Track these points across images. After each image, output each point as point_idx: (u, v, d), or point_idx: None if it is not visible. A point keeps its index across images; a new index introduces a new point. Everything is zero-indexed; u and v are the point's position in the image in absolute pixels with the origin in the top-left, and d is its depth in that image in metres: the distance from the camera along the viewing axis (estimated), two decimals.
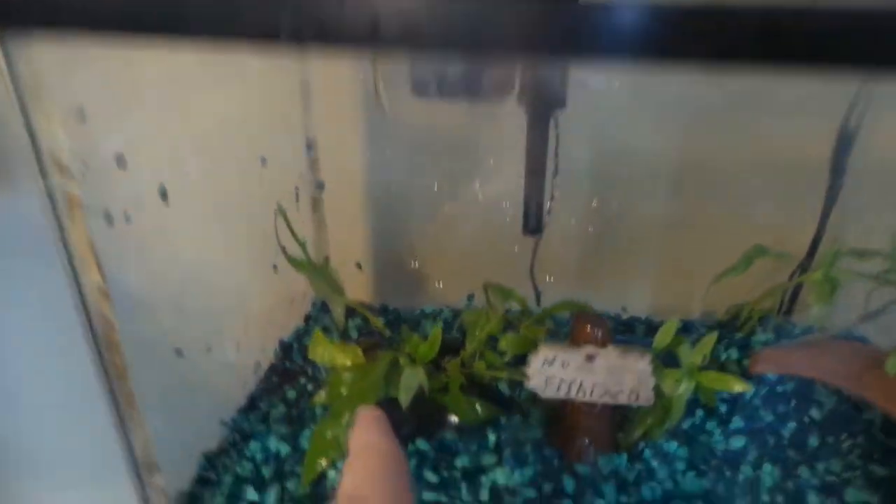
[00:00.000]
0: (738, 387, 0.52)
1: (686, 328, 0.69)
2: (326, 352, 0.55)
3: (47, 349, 0.38)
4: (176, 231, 0.48)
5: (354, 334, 0.69)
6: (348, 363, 0.55)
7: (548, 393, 0.50)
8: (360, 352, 0.56)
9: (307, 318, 0.73)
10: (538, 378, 0.50)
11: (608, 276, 0.74)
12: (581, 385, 0.50)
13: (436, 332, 0.55)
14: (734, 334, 0.65)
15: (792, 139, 0.64)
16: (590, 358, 0.49)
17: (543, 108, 0.59)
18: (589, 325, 0.49)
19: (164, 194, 0.44)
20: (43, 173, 0.32)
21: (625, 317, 0.73)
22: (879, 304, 0.57)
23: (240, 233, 0.59)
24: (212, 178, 0.52)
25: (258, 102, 0.58)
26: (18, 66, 0.30)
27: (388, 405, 0.53)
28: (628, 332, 0.71)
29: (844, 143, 0.62)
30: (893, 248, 0.57)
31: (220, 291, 0.56)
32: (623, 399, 0.50)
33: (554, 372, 0.50)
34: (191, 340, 0.50)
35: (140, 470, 0.44)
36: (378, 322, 0.68)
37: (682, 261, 0.71)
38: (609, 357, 0.49)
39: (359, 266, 0.75)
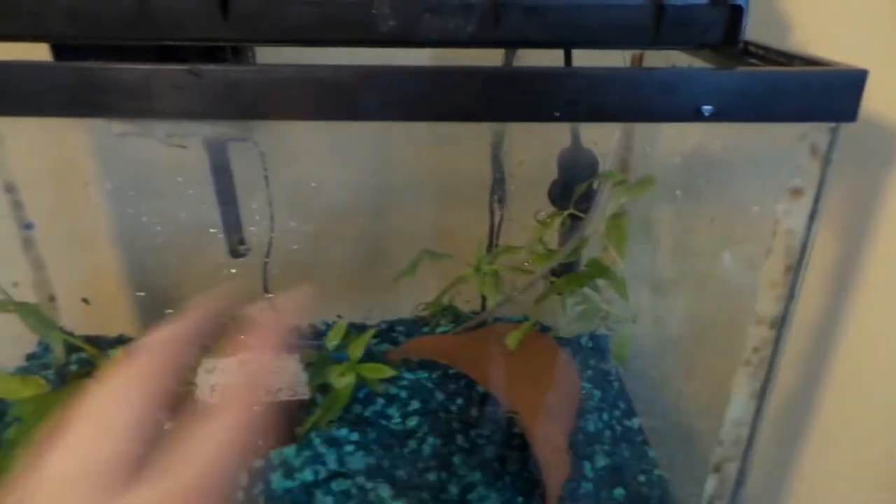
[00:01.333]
0: (389, 373, 0.60)
1: (391, 328, 0.78)
2: (6, 386, 0.58)
3: None
4: None
5: (75, 367, 0.71)
6: (29, 394, 0.57)
7: (214, 399, 0.56)
8: (42, 382, 0.59)
9: (30, 357, 0.74)
10: (204, 388, 0.56)
11: (326, 290, 0.81)
12: None
13: (118, 352, 0.59)
14: (423, 329, 0.74)
15: (458, 163, 0.76)
16: (244, 363, 0.55)
17: (218, 144, 0.66)
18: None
19: None
20: None
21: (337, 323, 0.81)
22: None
23: None
24: None
25: None
26: None
27: None
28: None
29: (496, 160, 0.74)
30: (530, 243, 0.69)
31: None
32: (283, 396, 0.56)
33: (217, 380, 0.55)
34: None
35: None
36: (96, 353, 0.71)
37: (390, 272, 0.81)
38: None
39: (85, 301, 0.77)
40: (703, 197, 0.67)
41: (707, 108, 0.29)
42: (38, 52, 0.40)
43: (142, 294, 0.78)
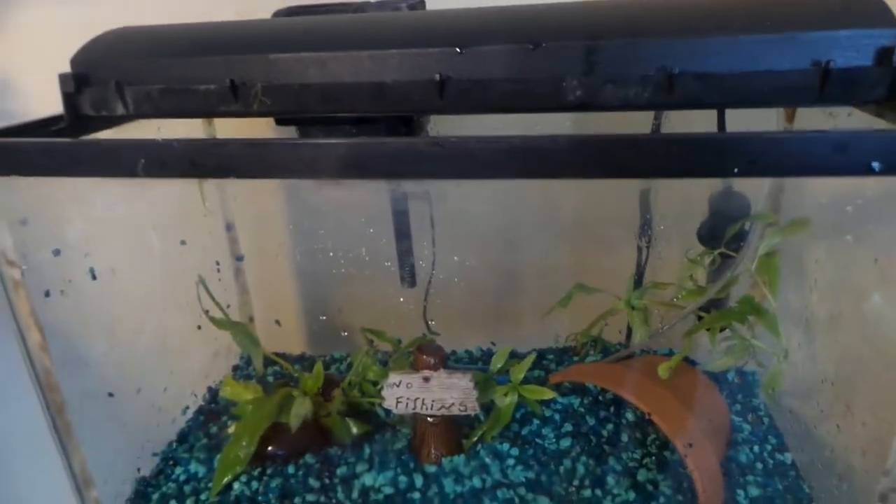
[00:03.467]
0: (548, 395, 0.67)
1: (540, 356, 0.84)
2: (234, 390, 0.70)
3: (5, 392, 0.53)
4: (113, 300, 0.63)
5: (271, 379, 0.84)
6: (250, 397, 0.69)
7: (399, 410, 0.65)
8: (260, 388, 0.71)
9: (235, 369, 0.88)
10: (390, 398, 0.65)
11: (482, 318, 0.89)
12: (423, 401, 0.64)
13: (317, 368, 0.70)
14: (573, 357, 0.80)
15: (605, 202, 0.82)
16: (426, 379, 0.64)
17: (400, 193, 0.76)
18: (424, 354, 0.64)
19: (93, 274, 0.60)
20: None
21: (495, 350, 0.88)
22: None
23: (168, 300, 0.74)
24: (140, 257, 0.68)
25: (180, 195, 0.75)
26: None
27: (283, 429, 0.68)
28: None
29: (644, 200, 0.79)
30: (679, 279, 0.73)
31: (151, 348, 0.71)
32: (455, 410, 0.64)
33: (401, 392, 0.64)
34: (122, 385, 0.65)
35: (79, 485, 0.58)
36: (290, 368, 0.83)
37: (540, 304, 0.87)
38: (441, 377, 0.64)
39: (277, 323, 0.91)
40: (858, 237, 0.68)
41: (877, 165, 0.33)
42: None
43: (323, 318, 0.90)
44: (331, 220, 0.85)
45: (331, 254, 0.84)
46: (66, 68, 0.54)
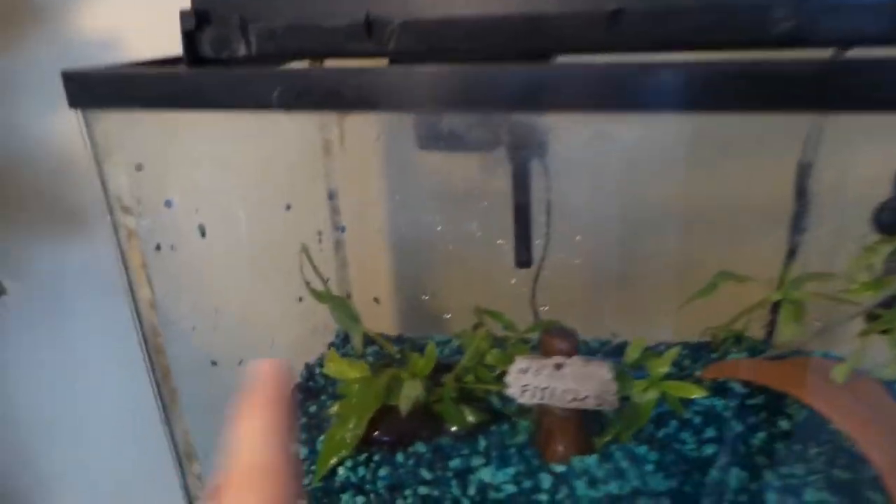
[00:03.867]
0: (697, 393, 0.58)
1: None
2: (338, 367, 0.64)
3: (112, 350, 0.49)
4: (214, 261, 0.59)
5: (371, 359, 0.78)
6: (356, 376, 0.63)
7: (524, 399, 0.57)
8: (366, 367, 0.65)
9: (330, 346, 0.83)
10: (515, 386, 0.57)
11: (601, 306, 0.81)
12: (553, 392, 0.57)
13: (430, 348, 0.63)
14: (711, 354, 0.70)
15: (760, 174, 0.71)
16: (558, 366, 0.56)
17: (524, 156, 0.69)
18: (556, 338, 0.56)
19: (203, 231, 0.55)
20: (110, 210, 0.43)
21: (616, 341, 0.79)
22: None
23: (269, 268, 0.70)
24: (245, 220, 0.64)
25: (285, 158, 0.70)
26: (94, 131, 0.42)
27: (390, 413, 0.61)
28: (618, 356, 0.77)
29: (804, 177, 0.69)
30: (848, 269, 0.62)
31: (252, 316, 0.66)
32: (590, 404, 0.56)
33: (528, 380, 0.57)
34: (225, 354, 0.60)
35: (181, 458, 0.53)
36: (391, 348, 0.77)
37: (664, 290, 0.78)
38: (575, 365, 0.56)
39: (376, 300, 0.85)
40: None
41: None
42: None
43: (426, 297, 0.84)
44: (441, 192, 0.79)
45: (439, 228, 0.78)
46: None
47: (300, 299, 0.74)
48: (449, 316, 0.83)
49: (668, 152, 0.72)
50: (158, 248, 0.49)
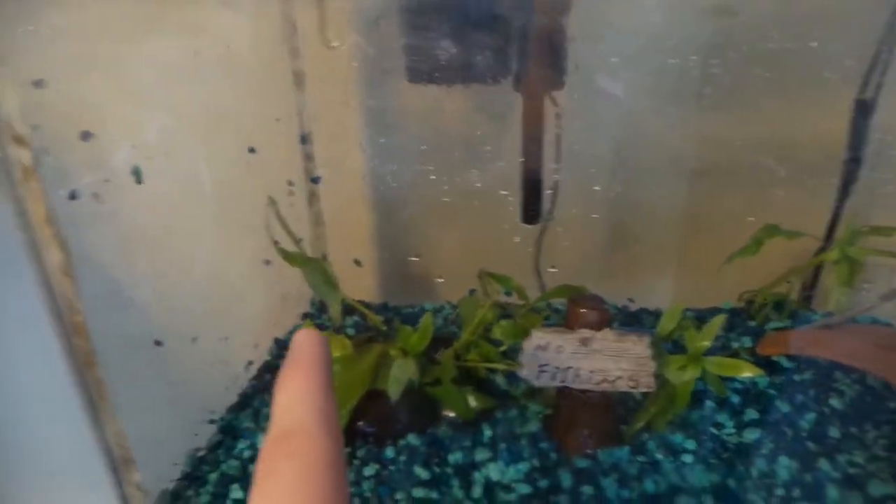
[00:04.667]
0: (748, 371, 0.48)
1: (699, 318, 0.65)
2: None
3: (14, 328, 0.37)
4: (155, 215, 0.47)
5: (352, 332, 0.68)
6: (336, 354, 0.53)
7: (542, 381, 0.48)
8: (348, 343, 0.54)
9: (304, 316, 0.72)
10: (531, 366, 0.47)
11: (616, 267, 0.71)
12: (577, 372, 0.47)
13: (426, 321, 0.53)
14: (748, 322, 0.61)
15: (804, 113, 0.61)
16: (585, 342, 0.46)
17: (537, 90, 0.57)
18: (584, 308, 0.46)
19: (137, 175, 0.43)
20: None
21: (633, 308, 0.70)
22: None
23: (228, 225, 0.58)
24: (194, 164, 0.51)
25: (245, 91, 0.57)
26: None
27: (378, 399, 0.51)
28: (636, 325, 0.68)
29: (861, 115, 0.59)
30: None
31: (207, 284, 0.55)
32: (622, 385, 0.47)
33: (548, 358, 0.47)
34: (173, 332, 0.49)
35: (116, 465, 0.42)
36: (376, 319, 0.66)
37: (693, 249, 0.68)
38: (606, 341, 0.46)
39: (357, 263, 0.74)
40: None
41: None
42: None
43: (416, 259, 0.73)
44: (434, 135, 0.67)
45: (432, 177, 0.66)
46: None
47: (267, 262, 0.62)
48: (442, 280, 0.73)
49: (703, 84, 0.61)
50: (73, 196, 0.37)
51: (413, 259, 0.73)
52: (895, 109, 0.58)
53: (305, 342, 0.27)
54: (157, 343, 0.47)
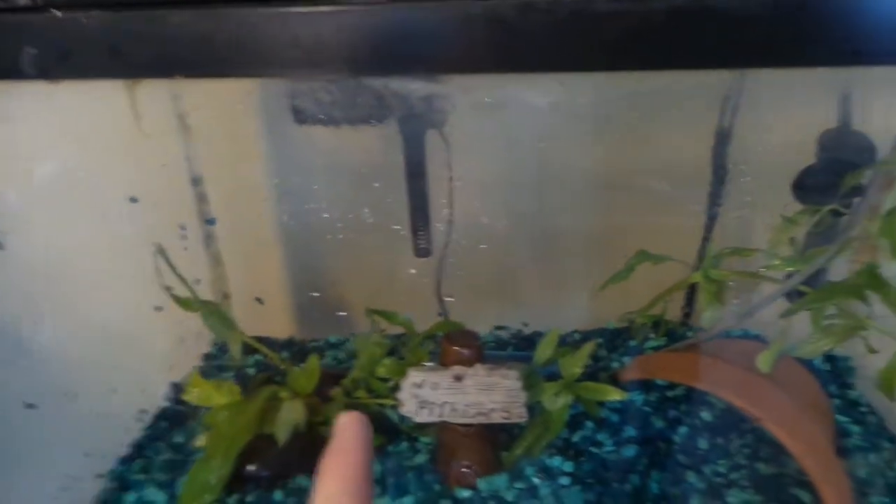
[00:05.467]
0: (615, 395, 0.51)
1: (585, 339, 0.69)
2: (202, 392, 0.54)
3: None
4: (32, 269, 0.46)
5: (253, 371, 0.68)
6: (223, 402, 0.53)
7: (422, 417, 0.49)
8: (237, 389, 0.55)
9: (206, 357, 0.72)
10: (410, 403, 0.49)
11: (511, 293, 0.73)
12: (454, 406, 0.49)
13: (312, 362, 0.54)
14: (628, 342, 0.65)
15: (672, 142, 0.65)
16: (458, 378, 0.48)
17: (417, 128, 0.59)
18: (456, 345, 0.48)
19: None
20: None
21: (527, 332, 0.73)
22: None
23: (115, 276, 0.57)
24: (69, 219, 0.51)
25: (126, 141, 0.57)
26: None
27: (267, 442, 0.52)
28: (529, 348, 0.70)
29: (722, 142, 0.63)
30: (770, 244, 0.58)
31: (91, 338, 0.54)
32: (497, 417, 0.49)
33: (425, 395, 0.49)
34: (52, 390, 0.48)
35: None
36: (275, 357, 0.67)
37: (584, 272, 0.71)
38: (477, 376, 0.48)
39: (259, 300, 0.74)
40: None
41: None
42: None
43: (316, 294, 0.74)
44: (326, 173, 0.68)
45: (325, 215, 0.67)
46: None
47: (158, 308, 0.62)
48: (344, 314, 0.74)
49: (579, 122, 0.65)
50: None
51: (314, 294, 0.74)
52: (748, 139, 0.62)
53: (349, 427, 0.27)
54: (29, 406, 0.46)
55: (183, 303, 0.60)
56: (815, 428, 0.49)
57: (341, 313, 0.74)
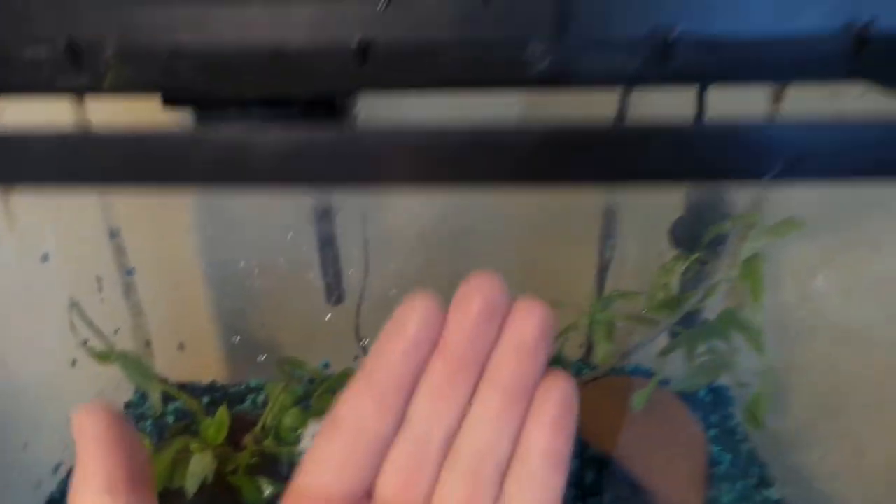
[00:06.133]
0: None
1: None
2: None
3: None
4: None
5: (172, 419, 0.70)
6: None
7: None
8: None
9: (127, 406, 0.73)
10: None
11: None
12: None
13: (221, 413, 0.56)
14: None
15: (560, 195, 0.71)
16: None
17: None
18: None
19: None
20: None
21: None
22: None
23: (27, 333, 0.59)
24: None
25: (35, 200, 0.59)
26: None
27: (177, 495, 0.54)
28: None
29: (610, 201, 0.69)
30: (650, 288, 0.63)
31: (5, 392, 0.56)
32: None
33: None
34: None
35: None
36: (194, 404, 0.69)
37: None
38: None
39: (181, 346, 0.76)
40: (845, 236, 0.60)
41: None
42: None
43: (237, 339, 0.76)
44: (242, 224, 0.71)
45: (242, 264, 0.70)
46: None
47: (73, 362, 0.64)
48: (263, 358, 0.76)
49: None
50: None
51: (235, 339, 0.76)
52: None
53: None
54: None
55: (99, 356, 0.62)
56: (677, 461, 0.54)
57: (261, 357, 0.76)
